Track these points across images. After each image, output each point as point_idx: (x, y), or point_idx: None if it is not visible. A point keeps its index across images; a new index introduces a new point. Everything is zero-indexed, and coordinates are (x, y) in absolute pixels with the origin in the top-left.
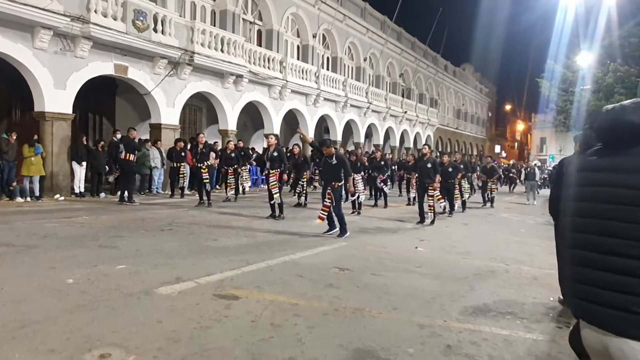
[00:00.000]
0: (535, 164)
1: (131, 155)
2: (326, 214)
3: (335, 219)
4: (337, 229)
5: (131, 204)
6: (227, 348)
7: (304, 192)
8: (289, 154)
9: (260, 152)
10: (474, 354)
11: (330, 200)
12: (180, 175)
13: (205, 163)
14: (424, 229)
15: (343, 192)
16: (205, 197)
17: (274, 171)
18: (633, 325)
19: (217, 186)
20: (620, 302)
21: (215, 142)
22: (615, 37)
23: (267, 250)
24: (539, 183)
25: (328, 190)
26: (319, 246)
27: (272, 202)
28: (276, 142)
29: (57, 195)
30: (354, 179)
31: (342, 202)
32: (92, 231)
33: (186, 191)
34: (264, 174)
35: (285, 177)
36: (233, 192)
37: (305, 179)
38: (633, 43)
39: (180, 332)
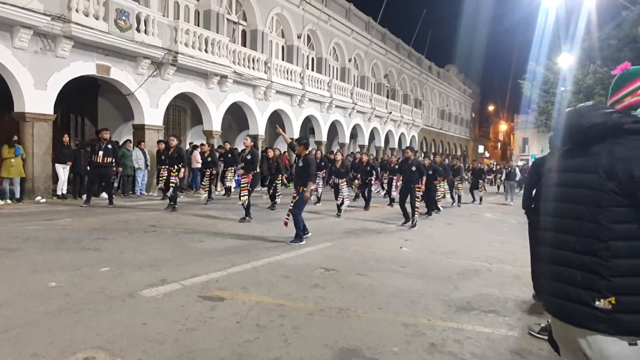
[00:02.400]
0: (516, 165)
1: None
2: (291, 215)
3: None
4: (310, 233)
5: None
6: (213, 349)
7: (278, 194)
8: (264, 155)
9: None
10: (457, 352)
11: (295, 202)
12: (161, 178)
13: (175, 167)
14: (408, 230)
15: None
16: (169, 201)
17: (246, 173)
18: (595, 319)
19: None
20: (582, 297)
21: (201, 144)
22: (594, 39)
23: (252, 252)
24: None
25: (294, 194)
26: (305, 247)
27: (239, 203)
28: (252, 144)
29: (39, 197)
30: (338, 184)
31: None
32: (74, 234)
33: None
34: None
35: (250, 178)
36: (206, 194)
37: (279, 181)
38: (612, 45)
39: (166, 334)
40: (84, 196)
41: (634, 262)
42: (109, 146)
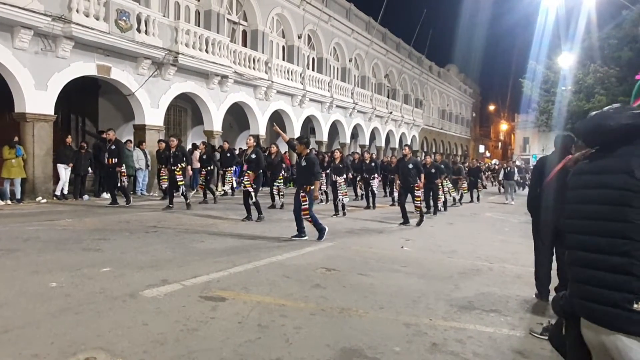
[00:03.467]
0: (516, 164)
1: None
2: (308, 216)
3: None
4: (306, 236)
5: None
6: (214, 350)
7: (281, 193)
8: (266, 153)
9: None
10: (459, 352)
11: (305, 203)
12: (163, 177)
13: (178, 166)
14: (409, 229)
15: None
16: (184, 200)
17: (250, 172)
18: (625, 321)
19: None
20: (612, 299)
21: (202, 142)
22: (594, 38)
23: (253, 252)
24: (520, 182)
25: (302, 194)
26: (306, 247)
27: (251, 202)
28: (254, 144)
29: (39, 198)
30: (337, 182)
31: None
32: (75, 234)
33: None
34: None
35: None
36: (201, 193)
37: (281, 180)
38: (612, 45)
39: (167, 335)
40: (107, 195)
41: None
42: (113, 147)
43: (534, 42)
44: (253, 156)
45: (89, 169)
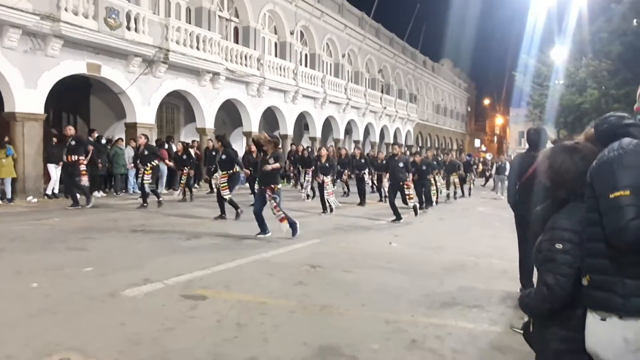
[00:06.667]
0: (506, 159)
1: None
2: (282, 214)
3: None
4: (270, 232)
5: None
6: (189, 349)
7: None
8: (247, 151)
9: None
10: (437, 349)
11: (274, 201)
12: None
13: (149, 164)
14: (399, 225)
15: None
16: (145, 197)
17: (224, 172)
18: None
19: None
20: None
21: (193, 141)
22: (586, 32)
23: (238, 250)
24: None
25: (269, 194)
26: (292, 244)
27: (225, 200)
28: (219, 144)
29: (30, 197)
30: (324, 182)
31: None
32: (61, 233)
33: (164, 190)
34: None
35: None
36: (180, 192)
37: None
38: (603, 38)
39: (143, 335)
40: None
41: None
42: (73, 143)
43: (526, 35)
44: (223, 157)
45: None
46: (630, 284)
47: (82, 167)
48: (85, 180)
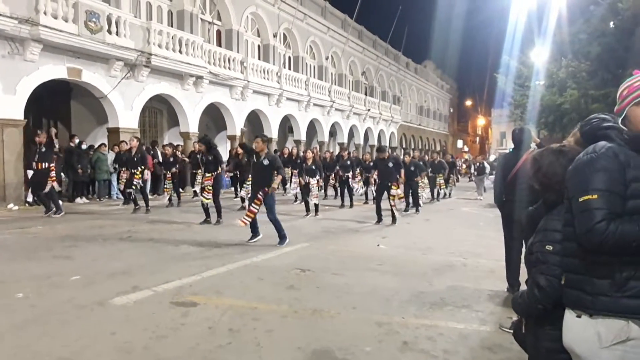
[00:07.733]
0: (489, 160)
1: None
2: (250, 219)
3: (274, 226)
4: (261, 235)
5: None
6: (183, 357)
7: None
8: (233, 154)
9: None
10: (429, 349)
11: (257, 206)
12: (122, 180)
13: (139, 169)
14: (386, 227)
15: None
16: (135, 202)
17: (209, 175)
18: None
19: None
20: None
21: (177, 145)
22: (565, 33)
23: (228, 255)
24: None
25: (259, 196)
26: (281, 248)
27: (205, 206)
28: (203, 146)
29: (11, 205)
30: (309, 184)
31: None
32: (46, 242)
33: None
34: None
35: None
36: (168, 197)
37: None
38: (582, 40)
39: (134, 343)
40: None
41: None
42: (44, 150)
43: (507, 37)
44: (210, 157)
45: (62, 174)
46: (598, 283)
47: (52, 174)
48: (49, 186)
